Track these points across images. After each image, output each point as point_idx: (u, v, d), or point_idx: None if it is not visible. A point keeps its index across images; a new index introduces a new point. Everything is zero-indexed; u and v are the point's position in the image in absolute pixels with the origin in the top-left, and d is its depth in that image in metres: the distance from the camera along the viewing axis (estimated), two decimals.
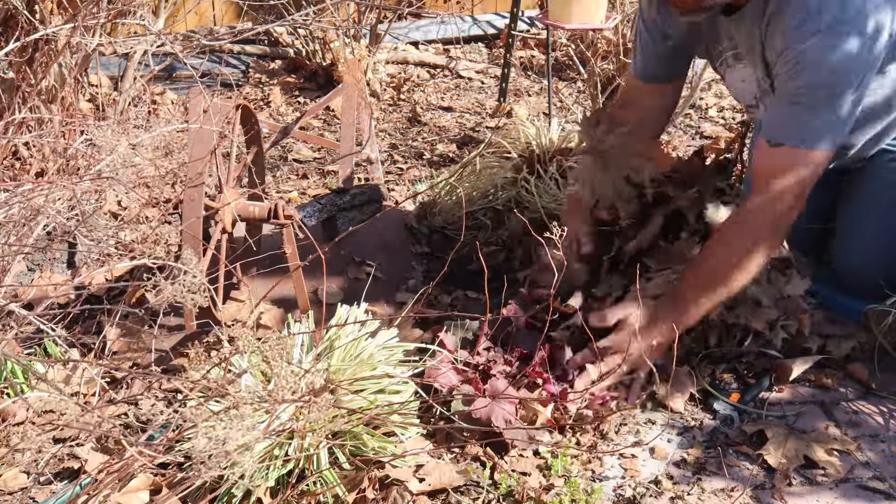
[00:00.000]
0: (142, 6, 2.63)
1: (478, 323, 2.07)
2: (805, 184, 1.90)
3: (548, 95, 3.31)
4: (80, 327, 2.12)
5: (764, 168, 1.95)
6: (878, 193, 2.19)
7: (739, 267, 1.92)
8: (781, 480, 1.74)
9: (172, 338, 2.12)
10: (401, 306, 2.27)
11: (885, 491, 1.72)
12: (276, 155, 3.28)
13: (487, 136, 3.47)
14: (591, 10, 3.11)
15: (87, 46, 2.50)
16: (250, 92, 3.87)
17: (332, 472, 1.65)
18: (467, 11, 4.66)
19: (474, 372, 1.89)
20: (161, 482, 1.67)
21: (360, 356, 1.84)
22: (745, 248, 1.92)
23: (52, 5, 2.69)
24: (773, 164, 1.92)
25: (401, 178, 3.12)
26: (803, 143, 1.88)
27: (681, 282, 1.98)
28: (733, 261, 1.92)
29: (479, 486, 1.71)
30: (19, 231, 1.66)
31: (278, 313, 2.22)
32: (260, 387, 1.73)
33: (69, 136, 2.59)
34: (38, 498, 1.69)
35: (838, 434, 1.87)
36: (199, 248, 1.85)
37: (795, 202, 1.90)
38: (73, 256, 2.42)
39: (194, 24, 4.19)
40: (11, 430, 1.82)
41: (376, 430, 1.73)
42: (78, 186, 1.66)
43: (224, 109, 1.98)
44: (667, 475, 1.76)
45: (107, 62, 3.72)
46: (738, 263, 1.92)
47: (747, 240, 1.92)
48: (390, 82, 4.01)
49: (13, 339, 1.72)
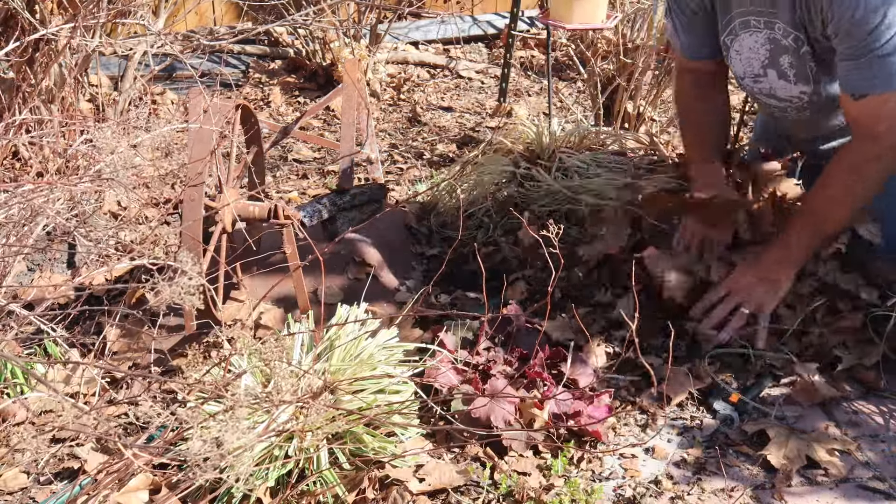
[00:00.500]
0: (142, 6, 2.63)
1: (478, 322, 2.07)
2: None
3: (548, 95, 3.31)
4: (79, 327, 2.12)
5: (857, 117, 2.04)
6: None
7: (843, 205, 2.07)
8: (781, 480, 1.74)
9: (172, 338, 2.12)
10: (401, 306, 2.27)
11: (885, 491, 1.72)
12: (276, 155, 3.28)
13: (487, 135, 3.47)
14: (592, 10, 3.11)
15: (87, 47, 2.50)
16: (250, 92, 3.87)
17: (332, 473, 1.65)
18: (467, 11, 4.66)
19: (474, 372, 1.89)
20: (161, 482, 1.67)
21: (360, 356, 1.84)
22: (848, 187, 2.04)
23: (52, 5, 2.69)
24: (866, 112, 2.01)
25: (401, 178, 3.12)
26: (888, 87, 1.95)
27: (786, 229, 2.12)
28: (836, 201, 2.06)
29: (479, 486, 1.71)
30: (19, 231, 1.66)
31: (278, 313, 2.22)
32: (259, 387, 1.73)
33: (69, 136, 2.59)
34: (38, 498, 1.69)
35: (838, 434, 1.87)
36: (198, 249, 1.85)
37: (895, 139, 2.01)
38: (72, 256, 2.42)
39: (194, 24, 4.19)
40: (11, 430, 1.82)
41: (376, 430, 1.73)
42: (77, 187, 1.66)
43: (224, 109, 1.97)
44: (667, 475, 1.76)
45: (107, 62, 3.72)
46: (841, 202, 2.06)
47: (849, 178, 2.04)
48: (390, 82, 4.01)
49: (13, 339, 1.72)
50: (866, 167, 2.02)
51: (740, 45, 2.17)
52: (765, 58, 2.14)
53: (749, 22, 2.10)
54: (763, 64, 2.16)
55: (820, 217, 2.09)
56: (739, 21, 2.12)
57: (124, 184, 1.54)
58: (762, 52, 2.14)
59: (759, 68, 2.18)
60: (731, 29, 2.16)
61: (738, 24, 2.13)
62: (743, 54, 2.18)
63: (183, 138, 2.53)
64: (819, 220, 2.09)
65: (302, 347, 1.87)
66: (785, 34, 2.06)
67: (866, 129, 2.02)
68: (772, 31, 2.08)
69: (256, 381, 1.76)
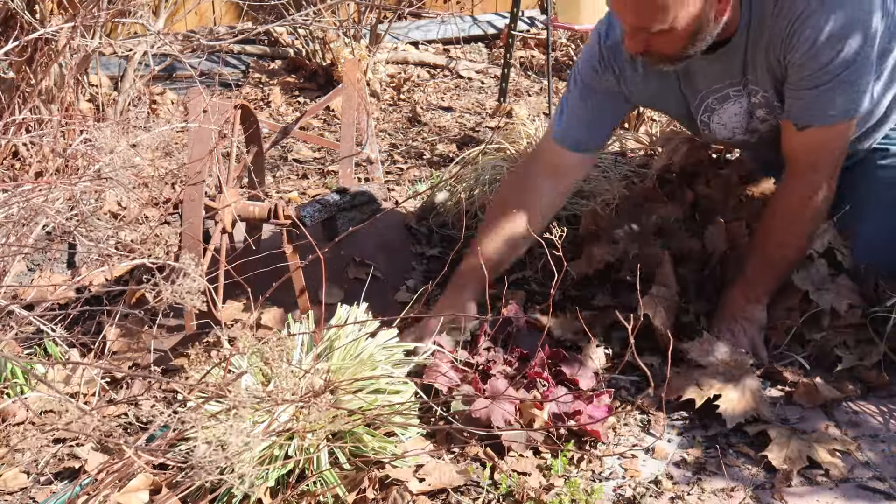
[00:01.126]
0: (142, 6, 2.63)
1: (476, 323, 2.07)
2: (838, 155, 2.03)
3: (548, 95, 3.31)
4: (80, 327, 2.12)
5: (796, 150, 2.05)
6: (873, 193, 2.18)
7: (793, 245, 2.08)
8: (782, 480, 1.73)
9: (172, 338, 2.11)
10: (401, 306, 2.27)
11: (885, 491, 1.72)
12: (276, 155, 3.28)
13: (487, 135, 3.47)
14: (600, 11, 3.11)
15: (87, 47, 2.50)
16: (250, 92, 3.87)
17: (333, 473, 1.65)
18: (467, 11, 4.66)
19: (474, 372, 1.89)
20: (161, 482, 1.67)
21: (360, 356, 1.84)
22: (796, 225, 2.06)
23: (52, 5, 2.69)
24: (805, 144, 2.02)
25: (401, 178, 3.12)
26: (831, 118, 1.96)
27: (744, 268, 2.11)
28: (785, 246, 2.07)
29: (479, 486, 1.71)
30: (19, 231, 1.66)
31: (278, 313, 2.22)
32: (259, 387, 1.73)
33: (69, 136, 2.59)
34: (38, 498, 1.69)
35: (839, 434, 1.87)
36: (199, 250, 1.85)
37: (833, 172, 2.03)
38: (72, 256, 2.42)
39: (194, 24, 4.19)
40: (11, 430, 1.82)
41: (376, 429, 1.73)
42: (77, 187, 1.66)
43: (224, 109, 1.97)
44: (667, 475, 1.76)
45: (107, 62, 3.72)
46: (790, 242, 2.07)
47: (796, 215, 2.06)
48: (390, 82, 4.01)
49: (13, 339, 1.72)
50: (810, 202, 2.04)
51: (722, 117, 2.16)
52: (749, 117, 2.15)
53: (728, 94, 2.10)
54: (746, 126, 2.17)
55: (774, 257, 2.09)
56: (714, 98, 2.12)
57: (124, 184, 1.54)
58: (744, 117, 2.14)
59: (743, 132, 2.19)
60: (705, 106, 2.15)
61: (712, 101, 2.13)
62: (728, 124, 2.18)
63: (182, 138, 2.53)
64: (773, 260, 2.09)
65: (302, 347, 1.87)
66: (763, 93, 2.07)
67: (805, 161, 2.03)
68: (750, 95, 2.09)
69: (256, 380, 1.76)
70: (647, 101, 2.35)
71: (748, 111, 2.13)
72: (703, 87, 2.11)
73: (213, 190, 2.10)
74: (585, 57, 2.17)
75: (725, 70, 2.05)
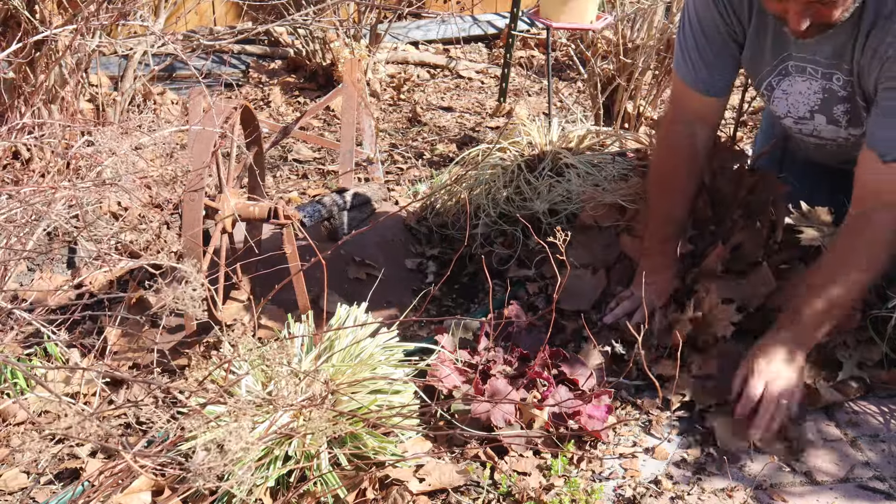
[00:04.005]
0: (142, 6, 2.63)
1: (478, 323, 2.07)
2: None
3: (548, 95, 3.31)
4: (80, 328, 2.12)
5: (874, 184, 1.89)
6: None
7: (860, 281, 1.90)
8: (781, 480, 1.74)
9: (172, 338, 2.11)
10: (402, 306, 2.27)
11: (885, 491, 1.72)
12: (276, 155, 3.28)
13: (487, 135, 3.47)
14: (581, 10, 3.11)
15: (87, 47, 2.49)
16: (250, 92, 3.87)
17: (334, 475, 1.65)
18: (467, 11, 4.66)
19: (474, 372, 1.89)
20: (163, 483, 1.67)
21: (360, 356, 1.84)
22: (867, 260, 1.89)
23: (53, 5, 2.68)
24: (887, 179, 1.86)
25: (401, 178, 3.12)
26: None
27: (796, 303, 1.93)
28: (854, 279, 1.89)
29: (479, 486, 1.71)
30: (20, 233, 1.66)
31: (278, 313, 2.22)
32: (260, 387, 1.73)
33: (70, 137, 2.59)
34: (39, 498, 1.69)
35: (838, 434, 1.87)
36: (199, 251, 1.85)
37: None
38: (73, 257, 2.42)
39: (194, 24, 4.19)
40: (11, 430, 1.82)
41: (376, 429, 1.73)
42: (79, 190, 1.66)
43: (224, 110, 1.97)
44: (667, 475, 1.76)
45: (107, 62, 3.72)
46: (858, 278, 1.89)
47: (869, 251, 1.88)
48: (390, 82, 4.01)
49: (13, 339, 1.72)
50: (885, 237, 1.88)
51: (789, 87, 2.06)
52: (815, 104, 2.05)
53: (805, 69, 2.00)
54: (811, 109, 2.07)
55: (837, 292, 1.90)
56: (793, 64, 2.01)
57: (126, 188, 1.54)
58: (813, 99, 2.04)
59: (807, 112, 2.08)
60: (782, 69, 2.04)
61: (791, 66, 2.02)
62: (791, 96, 2.08)
63: (183, 138, 2.53)
64: (835, 296, 1.90)
65: (302, 347, 1.87)
66: (844, 85, 1.97)
67: (887, 197, 1.87)
68: (829, 81, 1.98)
69: (256, 380, 1.76)
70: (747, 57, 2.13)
71: (818, 97, 2.02)
72: (793, 48, 1.98)
73: (213, 190, 2.10)
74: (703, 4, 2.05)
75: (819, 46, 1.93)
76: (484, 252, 2.45)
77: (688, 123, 2.17)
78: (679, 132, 2.19)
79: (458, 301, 2.37)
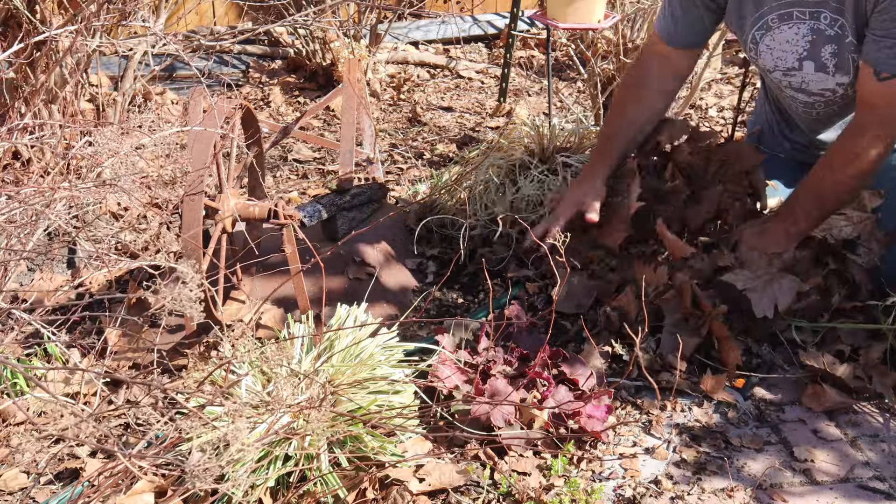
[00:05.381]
0: (143, 7, 2.63)
1: (478, 323, 2.07)
2: None
3: (548, 95, 3.31)
4: (80, 328, 2.12)
5: (873, 99, 2.02)
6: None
7: (847, 190, 2.09)
8: (782, 480, 1.74)
9: (172, 338, 2.12)
10: (403, 307, 2.27)
11: (885, 491, 1.72)
12: (276, 155, 3.28)
13: (488, 135, 3.47)
14: (588, 10, 3.11)
15: (88, 47, 2.49)
16: (250, 92, 3.87)
17: (334, 475, 1.65)
18: (467, 11, 4.66)
19: (474, 372, 1.89)
20: (166, 485, 1.67)
21: (360, 356, 1.84)
22: (853, 172, 2.05)
23: (53, 5, 2.69)
24: (885, 96, 1.99)
25: (401, 178, 3.12)
26: None
27: (790, 202, 2.16)
28: (840, 185, 2.07)
29: (479, 486, 1.71)
30: (20, 233, 1.66)
31: (278, 313, 2.22)
32: (260, 387, 1.73)
33: (69, 137, 2.59)
34: (39, 498, 1.69)
35: (838, 434, 1.87)
36: (199, 252, 1.85)
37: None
38: (73, 257, 2.42)
39: (195, 24, 4.19)
40: (11, 430, 1.82)
41: (376, 430, 1.73)
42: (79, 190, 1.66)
43: (224, 110, 1.97)
44: (667, 475, 1.76)
45: (107, 62, 3.72)
46: (845, 187, 2.08)
47: (857, 159, 2.03)
48: (390, 82, 4.01)
49: (13, 340, 1.72)
50: (877, 148, 2.02)
51: (773, 40, 2.15)
52: (803, 49, 2.12)
53: (792, 14, 2.08)
54: (800, 56, 2.14)
55: (827, 196, 2.10)
56: (777, 14, 2.10)
57: (126, 190, 1.54)
58: (801, 44, 2.12)
59: (794, 61, 2.16)
60: (762, 23, 2.13)
61: (773, 18, 2.10)
62: (775, 49, 2.16)
63: (183, 138, 2.53)
64: (826, 199, 2.10)
65: (302, 347, 1.87)
66: (831, 23, 2.04)
67: (883, 112, 2.01)
68: (816, 21, 2.06)
69: (256, 380, 1.76)
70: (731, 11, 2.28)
71: (807, 41, 2.09)
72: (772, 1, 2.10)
73: (213, 190, 2.10)
74: None
75: None
76: (484, 252, 2.45)
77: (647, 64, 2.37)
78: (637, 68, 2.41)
79: (458, 301, 2.37)
